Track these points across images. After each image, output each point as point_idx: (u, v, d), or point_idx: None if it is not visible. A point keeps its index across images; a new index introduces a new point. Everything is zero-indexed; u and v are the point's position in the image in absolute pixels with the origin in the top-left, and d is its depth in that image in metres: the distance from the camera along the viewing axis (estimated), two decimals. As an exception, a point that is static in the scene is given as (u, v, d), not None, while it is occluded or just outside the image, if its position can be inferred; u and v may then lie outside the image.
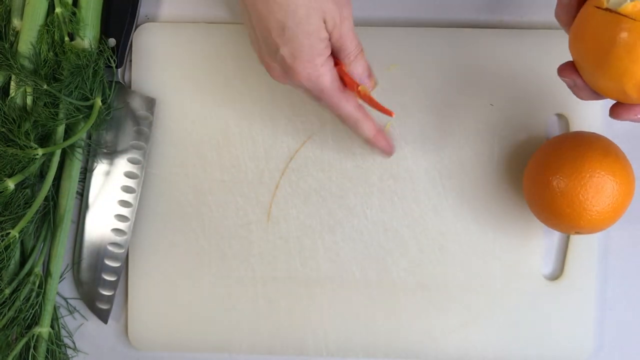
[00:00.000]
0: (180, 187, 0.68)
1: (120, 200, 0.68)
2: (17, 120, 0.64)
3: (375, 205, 0.67)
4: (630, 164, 0.60)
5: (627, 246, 0.67)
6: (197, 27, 0.68)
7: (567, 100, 0.65)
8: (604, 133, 0.65)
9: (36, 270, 0.65)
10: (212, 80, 0.67)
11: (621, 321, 0.67)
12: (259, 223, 0.67)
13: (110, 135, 0.68)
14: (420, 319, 0.67)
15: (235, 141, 0.67)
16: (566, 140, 0.61)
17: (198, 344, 0.68)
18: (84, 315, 0.69)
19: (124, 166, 0.68)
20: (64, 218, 0.66)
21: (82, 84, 0.64)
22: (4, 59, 0.64)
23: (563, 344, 0.66)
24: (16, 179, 0.63)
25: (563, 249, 0.67)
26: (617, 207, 0.59)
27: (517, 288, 0.66)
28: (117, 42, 0.67)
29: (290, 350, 0.67)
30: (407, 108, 0.66)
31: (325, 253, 0.67)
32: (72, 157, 0.66)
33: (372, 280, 0.67)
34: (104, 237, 0.68)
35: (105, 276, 0.68)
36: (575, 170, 0.58)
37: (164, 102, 0.68)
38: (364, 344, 0.67)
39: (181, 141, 0.68)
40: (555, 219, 0.60)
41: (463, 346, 0.67)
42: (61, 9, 0.64)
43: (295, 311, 0.67)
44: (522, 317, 0.66)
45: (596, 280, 0.66)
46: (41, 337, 0.65)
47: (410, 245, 0.67)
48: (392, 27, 0.67)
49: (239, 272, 0.67)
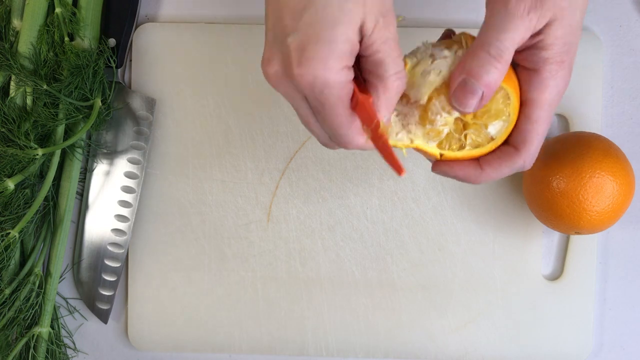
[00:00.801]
0: (180, 187, 0.68)
1: (120, 201, 0.68)
2: (17, 120, 0.64)
3: (375, 205, 0.67)
4: (630, 165, 0.60)
5: (627, 246, 0.67)
6: (197, 27, 0.68)
7: (567, 100, 0.65)
8: (604, 133, 0.66)
9: (36, 270, 0.65)
10: (212, 80, 0.67)
11: (621, 321, 0.67)
12: (259, 223, 0.67)
13: (110, 135, 0.68)
14: (420, 319, 0.67)
15: (235, 141, 0.67)
16: (566, 141, 0.61)
17: (198, 344, 0.68)
18: (84, 315, 0.69)
19: (123, 166, 0.68)
20: (64, 218, 0.66)
21: (82, 84, 0.64)
22: (3, 59, 0.64)
23: (563, 344, 0.66)
24: (16, 179, 0.63)
25: (563, 249, 0.67)
26: (617, 208, 0.59)
27: (517, 288, 0.66)
28: (117, 42, 0.66)
29: (290, 350, 0.67)
30: (407, 108, 0.66)
31: (325, 253, 0.67)
32: (72, 157, 0.66)
33: (372, 280, 0.67)
34: (103, 237, 0.68)
35: (105, 276, 0.68)
36: (575, 171, 0.58)
37: (164, 102, 0.68)
38: (364, 344, 0.67)
39: (181, 141, 0.68)
40: (555, 219, 0.60)
41: (463, 346, 0.67)
42: (61, 9, 0.64)
43: (295, 311, 0.67)
44: (522, 317, 0.66)
45: (596, 280, 0.66)
46: (41, 337, 0.65)
47: (410, 245, 0.67)
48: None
49: (239, 272, 0.67)
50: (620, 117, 0.67)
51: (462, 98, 0.46)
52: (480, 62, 0.45)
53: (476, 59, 0.45)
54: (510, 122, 0.48)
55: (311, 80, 0.43)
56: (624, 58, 0.67)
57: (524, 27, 0.45)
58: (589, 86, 0.66)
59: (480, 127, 0.48)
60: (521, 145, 0.48)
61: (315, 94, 0.44)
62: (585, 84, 0.65)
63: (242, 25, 0.67)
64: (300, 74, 0.43)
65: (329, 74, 0.43)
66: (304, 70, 0.43)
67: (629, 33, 0.67)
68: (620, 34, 0.67)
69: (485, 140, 0.49)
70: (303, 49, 0.43)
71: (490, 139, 0.49)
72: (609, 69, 0.67)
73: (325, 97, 0.44)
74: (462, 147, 0.49)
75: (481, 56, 0.45)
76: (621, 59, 0.67)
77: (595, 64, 0.66)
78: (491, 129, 0.48)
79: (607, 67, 0.67)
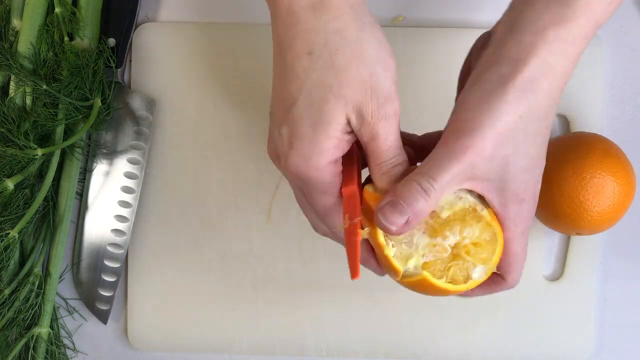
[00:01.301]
0: (180, 187, 0.68)
1: (119, 201, 0.67)
2: (17, 120, 0.64)
3: (376, 206, 0.67)
4: (631, 165, 0.60)
5: (628, 247, 0.67)
6: (197, 27, 0.67)
7: (568, 101, 0.65)
8: (605, 134, 0.65)
9: (36, 271, 0.65)
10: (212, 80, 0.67)
11: (621, 322, 0.67)
12: (259, 223, 0.67)
13: (109, 135, 0.68)
14: (420, 320, 0.67)
15: (235, 141, 0.67)
16: (567, 141, 0.61)
17: (198, 344, 0.68)
18: (84, 315, 0.69)
19: (123, 166, 0.67)
20: (64, 218, 0.66)
21: (82, 84, 0.64)
22: (3, 59, 0.63)
23: (563, 345, 0.66)
24: (15, 179, 0.63)
25: (564, 250, 0.67)
26: (618, 208, 0.59)
27: (517, 289, 0.66)
28: (116, 42, 0.66)
29: (290, 350, 0.67)
30: (407, 108, 0.66)
31: (326, 254, 0.67)
32: (72, 157, 0.66)
33: (372, 280, 0.67)
34: (103, 237, 0.68)
35: (104, 277, 0.68)
36: (576, 171, 0.58)
37: (164, 102, 0.68)
38: (364, 344, 0.67)
39: (181, 141, 0.68)
40: (556, 220, 0.60)
41: (463, 347, 0.66)
42: (61, 8, 0.64)
43: (295, 311, 0.67)
44: (523, 318, 0.66)
45: (597, 281, 0.66)
46: (40, 337, 0.65)
47: (410, 245, 0.66)
48: (391, 27, 0.67)
49: (239, 273, 0.67)
50: (621, 118, 0.67)
51: (389, 215, 0.45)
52: (411, 191, 0.44)
53: (407, 186, 0.45)
54: (491, 268, 0.48)
55: (295, 172, 0.46)
56: (625, 58, 0.67)
57: (460, 172, 0.45)
58: (590, 86, 0.65)
59: (469, 266, 0.48)
60: (506, 273, 0.49)
61: (301, 183, 0.47)
62: (586, 84, 0.65)
63: (242, 25, 0.67)
64: (288, 164, 0.46)
65: (311, 171, 0.45)
66: (290, 162, 0.45)
67: (630, 33, 0.67)
68: (620, 34, 0.66)
69: (463, 279, 0.48)
70: (290, 143, 0.45)
71: (468, 277, 0.48)
72: (610, 69, 0.66)
73: (309, 187, 0.46)
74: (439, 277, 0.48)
75: (413, 186, 0.45)
76: (622, 59, 0.67)
77: (596, 64, 0.65)
78: (475, 272, 0.48)
79: (608, 67, 0.66)
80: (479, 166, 0.45)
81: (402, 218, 0.44)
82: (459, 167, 0.44)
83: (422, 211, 0.45)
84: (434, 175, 0.45)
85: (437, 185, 0.44)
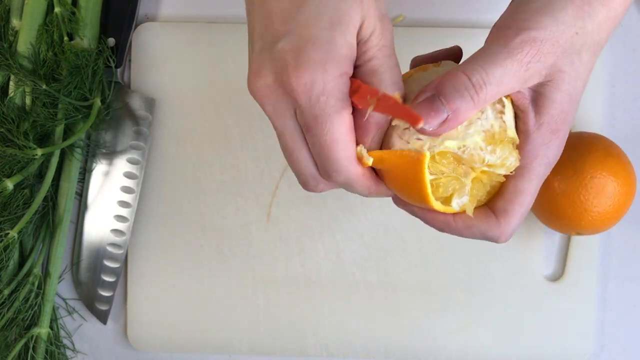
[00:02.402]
0: (180, 187, 0.68)
1: (119, 201, 0.67)
2: (16, 120, 0.64)
3: (375, 206, 0.67)
4: (631, 165, 0.60)
5: (628, 247, 0.67)
6: (197, 27, 0.67)
7: (568, 100, 0.65)
8: (606, 134, 0.65)
9: (35, 271, 0.65)
10: (212, 80, 0.67)
11: (622, 322, 0.67)
12: (258, 223, 0.67)
13: (109, 135, 0.68)
14: (420, 320, 0.67)
15: (235, 141, 0.67)
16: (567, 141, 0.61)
17: (198, 345, 0.68)
18: (83, 315, 0.69)
19: (123, 166, 0.67)
20: (63, 218, 0.66)
21: (81, 84, 0.64)
22: (3, 59, 0.63)
23: (563, 345, 0.66)
24: (15, 180, 0.63)
25: (564, 250, 0.67)
26: (619, 208, 0.59)
27: (517, 289, 0.66)
28: (116, 41, 0.66)
29: (290, 351, 0.67)
30: (408, 108, 0.66)
31: (326, 254, 0.67)
32: (71, 157, 0.66)
33: (372, 280, 0.67)
34: (103, 237, 0.68)
35: (104, 277, 0.68)
36: (576, 171, 0.58)
37: (164, 102, 0.67)
38: (364, 344, 0.67)
39: (181, 141, 0.68)
40: (556, 220, 0.60)
41: (463, 347, 0.66)
42: (60, 8, 0.64)
43: (295, 311, 0.67)
44: (523, 318, 0.66)
45: (597, 281, 0.66)
46: (40, 337, 0.65)
47: (410, 246, 0.66)
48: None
49: (239, 273, 0.67)
50: (622, 118, 0.67)
51: (425, 111, 0.39)
52: (456, 85, 0.40)
53: (453, 80, 0.40)
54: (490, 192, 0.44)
55: (308, 85, 0.39)
56: (626, 58, 0.66)
57: (515, 71, 0.40)
58: (590, 86, 0.65)
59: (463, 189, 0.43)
60: (502, 215, 0.44)
61: (312, 102, 0.39)
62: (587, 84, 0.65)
63: (242, 25, 0.67)
64: (297, 76, 0.39)
65: (328, 79, 0.39)
66: (300, 73, 0.38)
67: (630, 33, 0.67)
68: (621, 34, 0.66)
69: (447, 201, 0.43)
70: (298, 52, 0.38)
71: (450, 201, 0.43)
72: (611, 69, 0.66)
73: (321, 107, 0.39)
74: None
75: (461, 79, 0.40)
76: (622, 59, 0.66)
77: (596, 64, 0.65)
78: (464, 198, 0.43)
79: (608, 67, 0.66)
80: (534, 67, 0.40)
81: (439, 117, 0.39)
82: (515, 66, 0.40)
83: (466, 111, 0.40)
84: (488, 69, 0.39)
85: (491, 79, 0.39)
